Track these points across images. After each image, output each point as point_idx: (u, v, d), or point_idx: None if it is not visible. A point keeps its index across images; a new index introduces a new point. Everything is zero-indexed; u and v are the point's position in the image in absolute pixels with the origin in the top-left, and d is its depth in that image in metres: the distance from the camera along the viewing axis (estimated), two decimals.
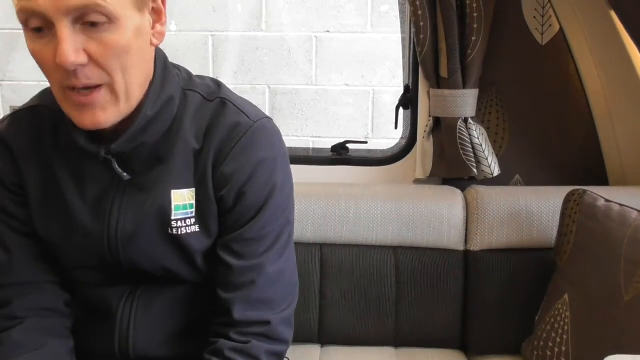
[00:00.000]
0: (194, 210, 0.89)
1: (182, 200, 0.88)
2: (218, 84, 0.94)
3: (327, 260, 1.40)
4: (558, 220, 1.34)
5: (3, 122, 0.93)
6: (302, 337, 1.40)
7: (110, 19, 0.73)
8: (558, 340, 1.23)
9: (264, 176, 0.89)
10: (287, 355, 1.16)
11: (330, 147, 1.67)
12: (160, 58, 0.87)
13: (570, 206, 1.31)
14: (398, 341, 1.42)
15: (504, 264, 1.38)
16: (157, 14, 0.83)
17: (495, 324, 1.38)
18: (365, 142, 1.66)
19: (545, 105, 1.55)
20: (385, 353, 1.39)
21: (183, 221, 0.88)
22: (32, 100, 0.95)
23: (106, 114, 0.79)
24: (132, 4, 0.76)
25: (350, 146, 1.65)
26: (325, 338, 1.42)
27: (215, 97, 0.90)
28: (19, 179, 0.91)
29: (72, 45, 0.72)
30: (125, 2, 0.75)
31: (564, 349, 1.22)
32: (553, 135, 1.56)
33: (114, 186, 0.88)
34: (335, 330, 1.41)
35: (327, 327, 1.41)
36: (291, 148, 1.88)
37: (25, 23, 0.74)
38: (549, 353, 1.25)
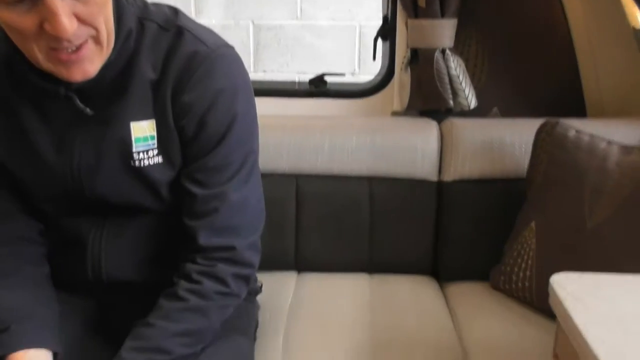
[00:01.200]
0: (155, 141, 0.89)
1: (142, 132, 0.88)
2: (175, 12, 0.92)
3: (302, 191, 1.43)
4: (530, 152, 1.35)
5: None
6: (279, 265, 1.45)
7: None
8: (523, 265, 1.28)
9: (225, 105, 0.89)
10: (261, 281, 1.21)
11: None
12: None
13: (542, 137, 1.32)
14: (372, 268, 1.47)
15: (476, 194, 1.41)
16: None
17: (466, 252, 1.42)
18: (343, 74, 1.65)
19: (526, 37, 1.53)
20: (360, 279, 1.44)
21: (145, 153, 0.89)
22: None
23: (94, 64, 0.79)
24: None
25: (329, 79, 1.65)
26: (301, 265, 1.47)
27: (172, 25, 0.88)
28: None
29: (66, 16, 0.71)
30: None
31: (528, 273, 1.26)
32: (533, 68, 1.55)
33: (75, 121, 0.88)
34: (311, 258, 1.45)
35: (303, 255, 1.45)
36: (269, 81, 1.88)
37: None
38: (514, 278, 1.29)
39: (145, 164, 0.89)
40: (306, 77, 1.70)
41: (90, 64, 0.79)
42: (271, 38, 2.49)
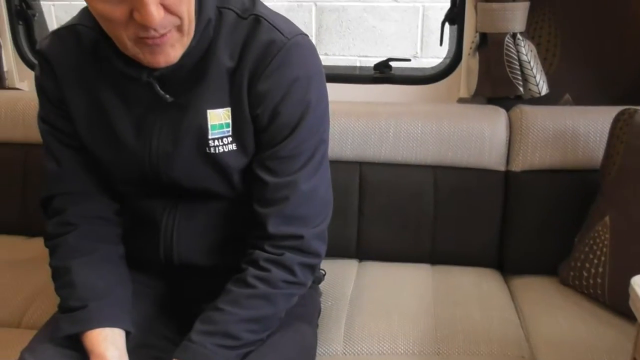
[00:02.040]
0: (230, 129, 0.91)
1: (218, 119, 0.90)
2: (253, 0, 0.93)
3: (365, 179, 1.42)
4: (606, 141, 1.29)
5: (45, 40, 0.96)
6: (340, 253, 1.45)
7: None
8: (595, 261, 1.23)
9: (298, 94, 0.89)
10: (324, 269, 1.22)
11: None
12: None
13: (619, 126, 1.26)
14: (434, 259, 1.45)
15: (545, 185, 1.36)
16: None
17: (533, 245, 1.38)
18: (409, 60, 1.62)
19: (602, 20, 1.45)
20: (422, 269, 1.42)
21: (220, 140, 0.91)
22: (73, 19, 0.97)
23: (176, 51, 0.83)
24: None
25: (394, 64, 1.62)
26: (363, 254, 1.47)
27: (249, 14, 0.89)
28: (62, 94, 0.94)
29: (155, 5, 0.74)
30: None
31: (600, 270, 1.22)
32: (608, 53, 1.47)
33: (154, 107, 0.91)
34: (372, 247, 1.45)
35: (365, 243, 1.45)
36: (334, 66, 1.86)
37: None
38: (585, 274, 1.25)
39: (220, 151, 0.91)
40: (367, 60, 1.68)
41: (172, 50, 0.82)
42: (334, 20, 2.46)
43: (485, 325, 1.19)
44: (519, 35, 1.40)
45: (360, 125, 1.41)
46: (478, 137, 1.38)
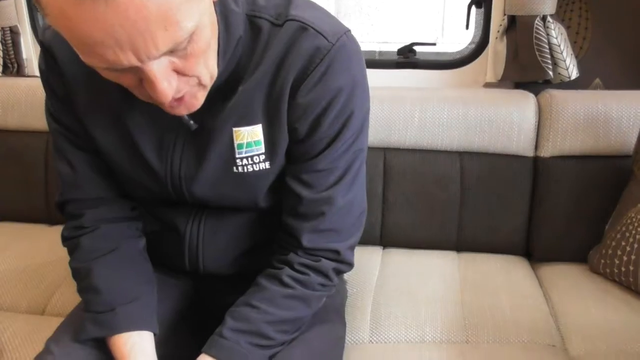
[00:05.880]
0: (262, 146, 0.84)
1: (247, 137, 0.83)
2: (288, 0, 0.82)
3: (390, 165, 1.40)
4: (639, 127, 1.26)
5: (49, 29, 0.85)
6: (364, 240, 1.40)
7: (191, 35, 0.64)
8: (628, 249, 1.20)
9: (341, 104, 0.81)
10: None
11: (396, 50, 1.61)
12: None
13: None
14: (460, 246, 1.42)
15: (575, 171, 1.33)
16: None
17: (562, 232, 1.35)
18: (434, 44, 1.59)
19: (634, 2, 1.41)
20: (448, 256, 1.40)
21: (250, 159, 0.85)
22: None
23: (197, 100, 0.73)
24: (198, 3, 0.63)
25: (417, 49, 1.59)
26: (387, 241, 1.45)
27: (284, 19, 0.79)
28: (70, 93, 0.86)
29: (166, 81, 0.64)
30: (195, 8, 0.62)
31: (633, 257, 1.19)
32: None
33: (177, 126, 0.84)
34: (397, 234, 1.43)
35: (389, 230, 1.43)
36: None
37: None
38: (616, 261, 1.22)
39: (249, 170, 0.85)
40: (388, 46, 1.65)
41: (194, 100, 0.73)
42: (353, 6, 2.43)
43: (514, 313, 1.17)
44: (549, 18, 1.36)
45: (385, 111, 1.39)
46: (506, 122, 1.35)
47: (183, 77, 0.67)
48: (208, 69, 0.71)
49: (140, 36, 0.58)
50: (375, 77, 1.56)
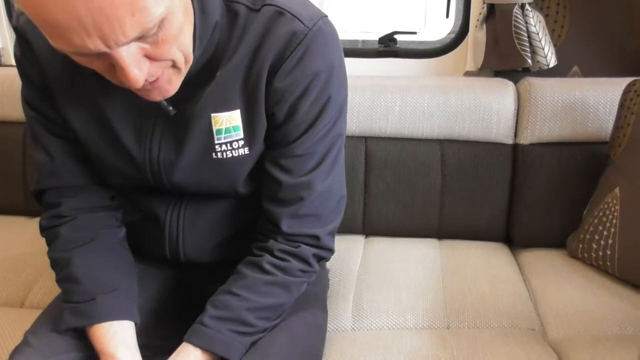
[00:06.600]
0: (240, 132, 0.84)
1: (225, 123, 0.83)
2: None
3: (371, 154, 1.40)
4: (615, 113, 1.28)
5: (23, 15, 0.83)
6: (346, 229, 1.43)
7: (162, 21, 0.63)
8: (605, 233, 1.22)
9: (318, 89, 0.81)
10: None
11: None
12: None
13: (629, 97, 1.24)
14: (441, 233, 1.44)
15: (554, 158, 1.35)
16: None
17: (541, 218, 1.37)
18: (414, 33, 1.59)
19: None
20: (429, 244, 1.41)
21: (229, 144, 0.84)
22: None
23: (172, 85, 0.73)
24: None
25: (399, 38, 1.59)
26: (369, 229, 1.45)
27: (261, 4, 0.79)
28: (46, 81, 0.84)
29: (136, 68, 0.64)
30: None
31: (610, 242, 1.21)
32: (618, 24, 1.45)
33: (156, 112, 0.83)
34: (379, 222, 1.44)
35: (371, 219, 1.44)
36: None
37: None
38: (594, 246, 1.24)
39: (228, 156, 0.85)
40: (370, 36, 1.65)
41: (168, 85, 0.72)
42: None
43: (494, 298, 1.19)
44: (527, 6, 1.38)
45: (366, 100, 1.39)
46: (486, 110, 1.36)
47: (156, 62, 0.67)
48: (185, 51, 0.70)
49: (106, 21, 0.57)
50: (357, 66, 1.56)
